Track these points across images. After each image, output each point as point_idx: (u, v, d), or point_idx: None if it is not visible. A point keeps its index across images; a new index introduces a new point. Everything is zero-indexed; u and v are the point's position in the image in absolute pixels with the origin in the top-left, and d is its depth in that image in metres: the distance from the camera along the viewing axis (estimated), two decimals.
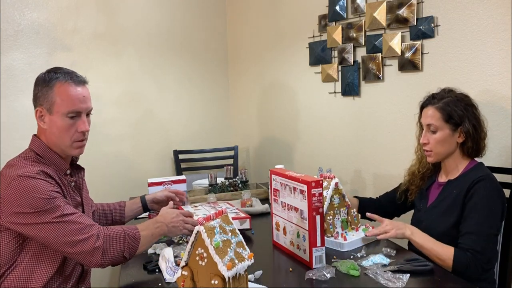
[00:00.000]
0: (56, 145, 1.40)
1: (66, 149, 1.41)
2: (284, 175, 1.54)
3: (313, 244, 1.40)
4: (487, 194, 1.47)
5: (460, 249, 1.44)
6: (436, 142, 1.56)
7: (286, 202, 1.54)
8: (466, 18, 1.84)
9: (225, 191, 2.38)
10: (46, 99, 1.36)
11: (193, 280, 1.13)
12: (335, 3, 2.40)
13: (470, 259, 1.40)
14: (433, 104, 1.58)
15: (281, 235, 1.60)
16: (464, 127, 1.54)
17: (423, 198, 1.69)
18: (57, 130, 1.38)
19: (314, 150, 2.71)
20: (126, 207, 1.77)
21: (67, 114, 1.37)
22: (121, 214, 1.75)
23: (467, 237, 1.45)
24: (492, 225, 1.45)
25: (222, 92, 3.31)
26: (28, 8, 2.43)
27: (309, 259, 1.41)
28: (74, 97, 1.38)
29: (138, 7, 2.85)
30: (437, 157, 1.60)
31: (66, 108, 1.37)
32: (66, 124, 1.37)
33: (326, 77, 2.53)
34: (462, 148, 1.58)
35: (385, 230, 1.54)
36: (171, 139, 3.05)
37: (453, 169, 1.61)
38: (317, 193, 1.39)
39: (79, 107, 1.40)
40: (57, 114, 1.37)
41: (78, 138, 1.41)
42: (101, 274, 2.71)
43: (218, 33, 3.26)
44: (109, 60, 2.74)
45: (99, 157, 2.69)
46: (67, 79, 1.38)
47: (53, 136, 1.39)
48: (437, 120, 1.55)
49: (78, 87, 1.40)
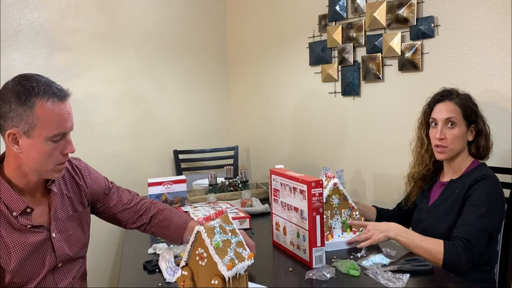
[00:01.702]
0: (35, 171, 1.20)
1: (45, 174, 1.22)
2: (284, 175, 1.54)
3: (313, 244, 1.40)
4: (487, 192, 1.46)
5: (453, 239, 1.43)
6: (454, 137, 1.54)
7: (286, 202, 1.54)
8: (466, 18, 1.84)
9: (225, 191, 2.38)
10: (23, 120, 1.13)
11: (193, 280, 1.13)
12: (335, 3, 2.40)
13: (461, 247, 1.38)
14: (451, 99, 1.57)
15: (281, 235, 1.60)
16: (478, 125, 1.56)
17: (425, 198, 1.69)
18: (37, 156, 1.17)
19: (314, 150, 2.71)
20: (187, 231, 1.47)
21: (52, 138, 1.17)
22: (179, 236, 1.48)
23: (461, 228, 1.44)
24: (489, 223, 1.43)
25: (222, 92, 3.31)
26: (28, 8, 2.43)
27: (309, 259, 1.41)
28: (60, 118, 1.17)
29: (138, 7, 2.85)
30: (450, 154, 1.57)
31: (51, 131, 1.16)
32: (49, 149, 1.17)
33: (326, 77, 2.53)
34: (470, 147, 1.58)
35: (367, 237, 1.51)
36: (171, 139, 3.05)
37: (457, 169, 1.60)
38: (317, 193, 1.39)
39: (66, 128, 1.20)
40: (38, 138, 1.15)
41: (61, 160, 1.22)
42: (101, 274, 2.71)
43: (218, 33, 3.26)
44: (109, 60, 2.74)
45: (99, 157, 2.69)
46: (49, 95, 1.15)
47: (31, 161, 1.17)
48: (458, 114, 1.54)
49: (63, 104, 1.19)
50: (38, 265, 1.23)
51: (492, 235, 1.47)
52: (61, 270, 1.29)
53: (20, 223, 1.19)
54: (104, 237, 2.67)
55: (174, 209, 1.55)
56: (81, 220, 1.39)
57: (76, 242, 1.35)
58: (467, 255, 1.38)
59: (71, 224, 1.34)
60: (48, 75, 2.63)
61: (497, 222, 1.48)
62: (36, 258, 1.22)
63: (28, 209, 1.21)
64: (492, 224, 1.44)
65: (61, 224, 1.30)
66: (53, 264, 1.26)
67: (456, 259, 1.38)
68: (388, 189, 2.23)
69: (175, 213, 1.52)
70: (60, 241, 1.29)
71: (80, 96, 2.61)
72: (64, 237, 1.30)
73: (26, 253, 1.19)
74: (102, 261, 2.71)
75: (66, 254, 1.30)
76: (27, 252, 1.19)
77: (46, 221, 1.27)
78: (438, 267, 1.37)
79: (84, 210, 1.41)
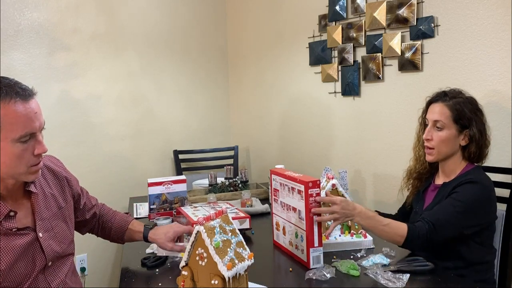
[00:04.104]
0: (8, 175, 1.17)
1: (20, 177, 1.20)
2: (283, 175, 1.54)
3: (311, 244, 1.40)
4: (470, 195, 1.43)
5: (420, 219, 1.43)
6: (441, 140, 1.52)
7: (285, 202, 1.54)
8: (466, 18, 1.84)
9: (225, 191, 2.38)
10: None
11: (193, 280, 1.13)
12: (335, 3, 2.40)
13: (425, 229, 1.39)
14: (444, 101, 1.53)
15: (281, 235, 1.60)
16: (471, 131, 1.50)
17: (420, 200, 1.67)
18: (7, 159, 1.14)
19: (314, 150, 2.71)
20: (128, 232, 1.57)
21: (19, 140, 1.13)
22: (120, 236, 1.59)
23: (431, 213, 1.44)
24: (462, 221, 1.41)
25: (222, 92, 3.31)
26: (28, 8, 2.43)
27: (307, 259, 1.41)
28: (25, 118, 1.13)
29: (138, 7, 2.85)
30: (438, 157, 1.56)
31: (17, 133, 1.12)
32: (18, 151, 1.14)
33: (326, 77, 2.53)
34: (463, 152, 1.55)
35: (334, 218, 1.42)
36: (171, 139, 3.05)
37: (451, 172, 1.57)
38: (314, 193, 1.39)
39: (33, 128, 1.15)
40: (5, 141, 1.12)
41: (34, 162, 1.19)
42: (101, 274, 2.71)
43: (218, 33, 3.26)
44: (109, 60, 2.74)
45: (99, 157, 2.69)
46: (11, 95, 1.11)
47: (2, 166, 1.15)
48: (446, 118, 1.51)
49: (27, 103, 1.14)
50: (28, 267, 1.22)
51: (464, 234, 1.43)
52: (52, 269, 1.29)
53: (5, 227, 1.18)
54: None
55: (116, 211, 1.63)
56: (65, 216, 1.39)
57: (63, 239, 1.35)
58: (426, 236, 1.39)
59: (56, 222, 1.34)
60: (48, 75, 2.66)
61: (473, 224, 1.43)
62: (26, 260, 1.22)
63: (11, 212, 1.19)
64: (465, 224, 1.42)
65: (46, 223, 1.30)
66: (43, 264, 1.26)
67: (417, 236, 1.39)
68: (388, 189, 2.23)
69: (117, 213, 1.62)
70: (48, 240, 1.28)
71: (80, 96, 2.61)
72: (51, 236, 1.30)
73: (15, 256, 1.19)
74: (102, 260, 2.70)
75: (55, 252, 1.30)
76: (16, 255, 1.19)
77: (31, 222, 1.26)
78: (438, 267, 1.37)
79: (67, 205, 1.41)
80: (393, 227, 1.42)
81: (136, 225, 1.58)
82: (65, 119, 2.55)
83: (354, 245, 1.58)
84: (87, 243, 2.52)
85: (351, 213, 1.42)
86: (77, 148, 2.60)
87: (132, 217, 1.63)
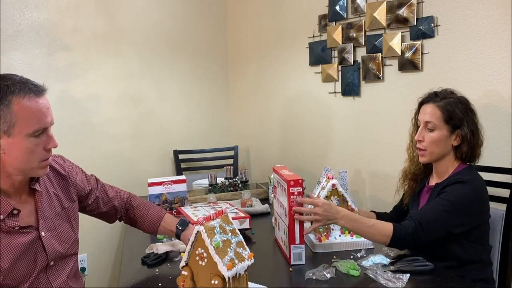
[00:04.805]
0: (19, 170, 1.19)
1: (31, 172, 1.22)
2: (279, 173, 1.56)
3: (292, 241, 1.43)
4: (459, 195, 1.42)
5: (407, 218, 1.44)
6: (432, 141, 1.52)
7: (279, 200, 1.57)
8: (466, 18, 1.84)
9: (225, 191, 2.38)
10: (2, 120, 1.13)
11: (193, 280, 1.13)
12: (335, 3, 2.40)
13: (411, 228, 1.39)
14: (435, 102, 1.53)
15: (277, 231, 1.66)
16: (462, 131, 1.50)
17: (415, 201, 1.67)
18: (20, 154, 1.17)
19: (314, 150, 2.71)
20: (160, 228, 1.58)
21: (33, 134, 1.16)
22: (153, 231, 1.60)
23: (419, 212, 1.45)
24: (449, 220, 1.40)
25: (222, 92, 3.31)
26: (28, 8, 2.42)
27: (289, 256, 1.45)
28: (38, 113, 1.17)
29: (138, 7, 2.85)
30: (431, 158, 1.56)
31: (31, 127, 1.15)
32: (32, 145, 1.17)
33: (326, 77, 2.53)
34: (456, 152, 1.54)
35: (316, 219, 1.43)
36: (171, 139, 3.05)
37: (444, 172, 1.56)
38: (296, 192, 1.41)
39: (45, 123, 1.19)
40: (19, 136, 1.15)
41: (45, 156, 1.22)
42: (101, 274, 2.71)
43: (218, 33, 3.26)
44: (109, 60, 2.74)
45: (99, 157, 2.69)
46: (25, 91, 1.15)
47: (14, 161, 1.17)
48: (437, 119, 1.51)
49: (40, 99, 1.18)
50: (30, 265, 1.22)
51: (452, 233, 1.43)
52: (53, 268, 1.29)
53: (8, 225, 1.19)
54: (104, 236, 2.67)
55: (149, 204, 1.63)
56: (69, 217, 1.39)
57: (66, 239, 1.35)
58: (412, 235, 1.39)
59: (59, 222, 1.34)
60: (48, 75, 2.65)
61: (460, 224, 1.43)
62: (28, 258, 1.22)
63: (14, 210, 1.20)
64: (452, 223, 1.41)
65: (49, 222, 1.30)
66: (45, 263, 1.26)
67: (402, 235, 1.40)
68: (388, 189, 2.23)
69: (150, 207, 1.61)
70: (50, 239, 1.29)
71: (80, 96, 2.61)
72: (53, 235, 1.30)
73: (16, 254, 1.19)
74: (102, 260, 2.70)
75: (57, 251, 1.30)
76: (17, 253, 1.19)
77: (34, 220, 1.27)
78: (438, 267, 1.37)
79: (71, 205, 1.40)
80: (378, 228, 1.43)
81: (168, 222, 1.57)
82: (65, 119, 2.55)
83: (354, 245, 1.58)
84: (87, 243, 2.52)
85: (333, 216, 1.43)
86: (77, 148, 2.60)
87: (164, 211, 1.61)
